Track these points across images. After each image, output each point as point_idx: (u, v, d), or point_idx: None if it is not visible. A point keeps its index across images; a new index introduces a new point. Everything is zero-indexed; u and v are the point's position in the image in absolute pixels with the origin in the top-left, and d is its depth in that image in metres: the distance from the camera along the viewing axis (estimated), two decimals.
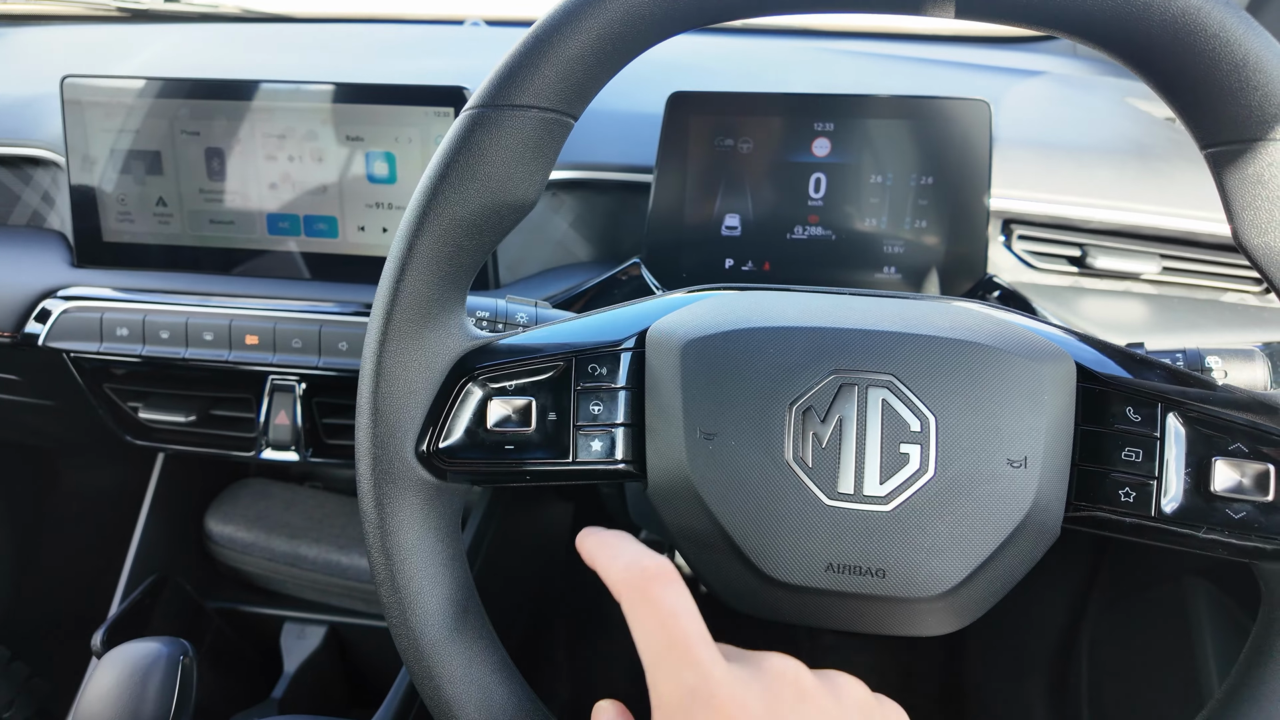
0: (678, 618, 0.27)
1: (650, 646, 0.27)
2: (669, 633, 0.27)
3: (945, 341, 0.35)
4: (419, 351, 0.37)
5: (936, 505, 0.34)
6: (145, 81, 0.69)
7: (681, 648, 0.27)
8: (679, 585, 0.29)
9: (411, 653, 0.37)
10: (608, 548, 0.31)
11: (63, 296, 0.72)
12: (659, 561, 0.29)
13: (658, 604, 0.28)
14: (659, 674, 0.27)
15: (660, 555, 0.30)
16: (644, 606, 0.28)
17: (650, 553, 0.30)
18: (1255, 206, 0.33)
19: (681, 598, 0.28)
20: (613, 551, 0.31)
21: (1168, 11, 0.32)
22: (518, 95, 0.35)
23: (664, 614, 0.28)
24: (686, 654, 0.27)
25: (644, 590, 0.28)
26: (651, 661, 0.27)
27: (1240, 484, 0.34)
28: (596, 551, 0.32)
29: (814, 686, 0.28)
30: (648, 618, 0.28)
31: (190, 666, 0.53)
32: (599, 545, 0.32)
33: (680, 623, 0.27)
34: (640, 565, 0.29)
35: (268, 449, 0.74)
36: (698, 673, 0.26)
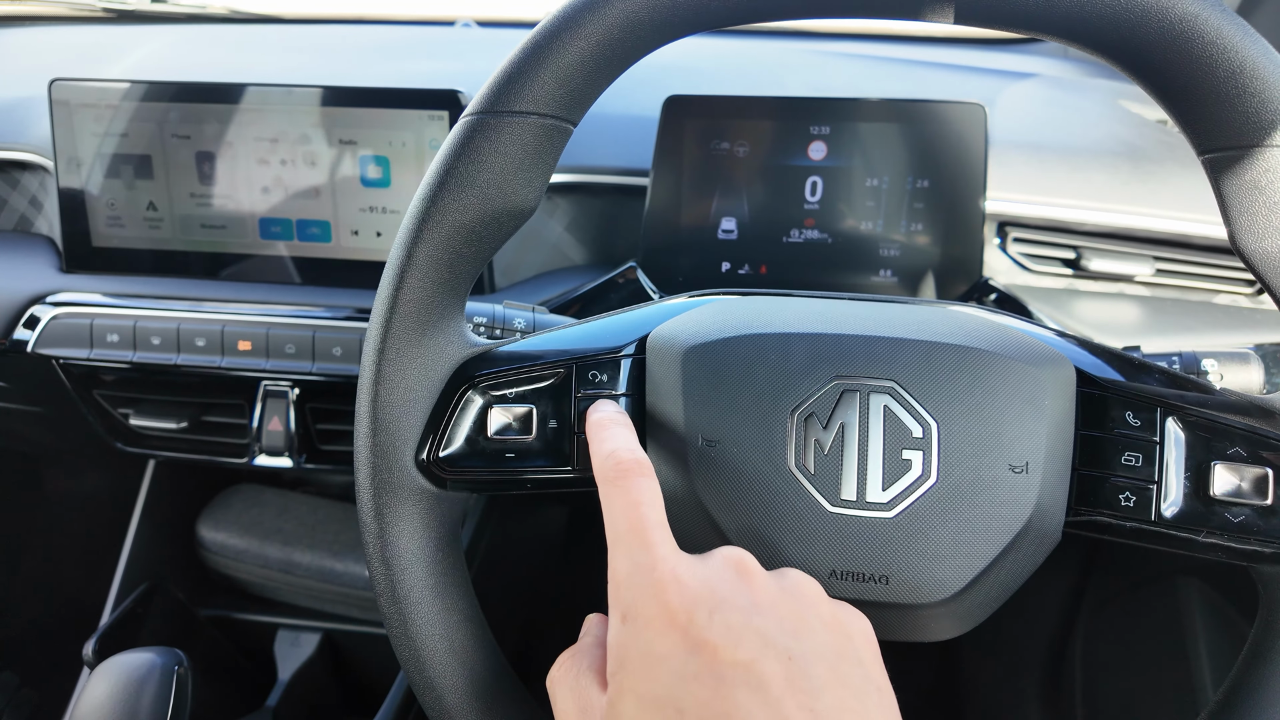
0: (639, 506, 0.30)
1: (613, 528, 0.30)
2: (629, 518, 0.30)
3: (946, 347, 0.35)
4: (419, 359, 0.36)
5: (939, 511, 0.34)
6: (134, 84, 0.68)
7: (637, 529, 0.29)
8: (648, 480, 0.31)
9: (413, 663, 0.37)
10: (600, 433, 0.34)
11: (52, 302, 0.71)
12: (636, 457, 0.32)
13: (626, 493, 0.30)
14: (616, 552, 0.29)
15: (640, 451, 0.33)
16: (614, 493, 0.31)
17: (632, 447, 0.33)
18: (1252, 212, 0.33)
19: (648, 490, 0.31)
20: (601, 438, 0.34)
21: (1165, 18, 0.32)
22: (517, 101, 0.34)
23: (629, 502, 0.30)
24: (641, 535, 0.29)
25: (616, 481, 0.31)
26: (612, 541, 0.30)
27: (1239, 488, 0.34)
28: (590, 434, 0.34)
29: (758, 571, 0.29)
30: (615, 503, 0.31)
31: (185, 676, 0.52)
32: (595, 428, 0.35)
33: (640, 510, 0.30)
34: (617, 458, 0.32)
35: (261, 455, 0.73)
36: (647, 550, 0.29)
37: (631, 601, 0.28)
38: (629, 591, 0.28)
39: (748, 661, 0.26)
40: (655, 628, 0.27)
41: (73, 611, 0.99)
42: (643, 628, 0.27)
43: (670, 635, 0.27)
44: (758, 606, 0.28)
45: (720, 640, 0.26)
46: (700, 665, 0.26)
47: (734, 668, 0.26)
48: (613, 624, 0.29)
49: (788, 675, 0.26)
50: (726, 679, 0.26)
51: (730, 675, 0.26)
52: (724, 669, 0.26)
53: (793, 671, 0.26)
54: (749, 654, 0.26)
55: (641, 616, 0.28)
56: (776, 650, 0.26)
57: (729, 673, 0.26)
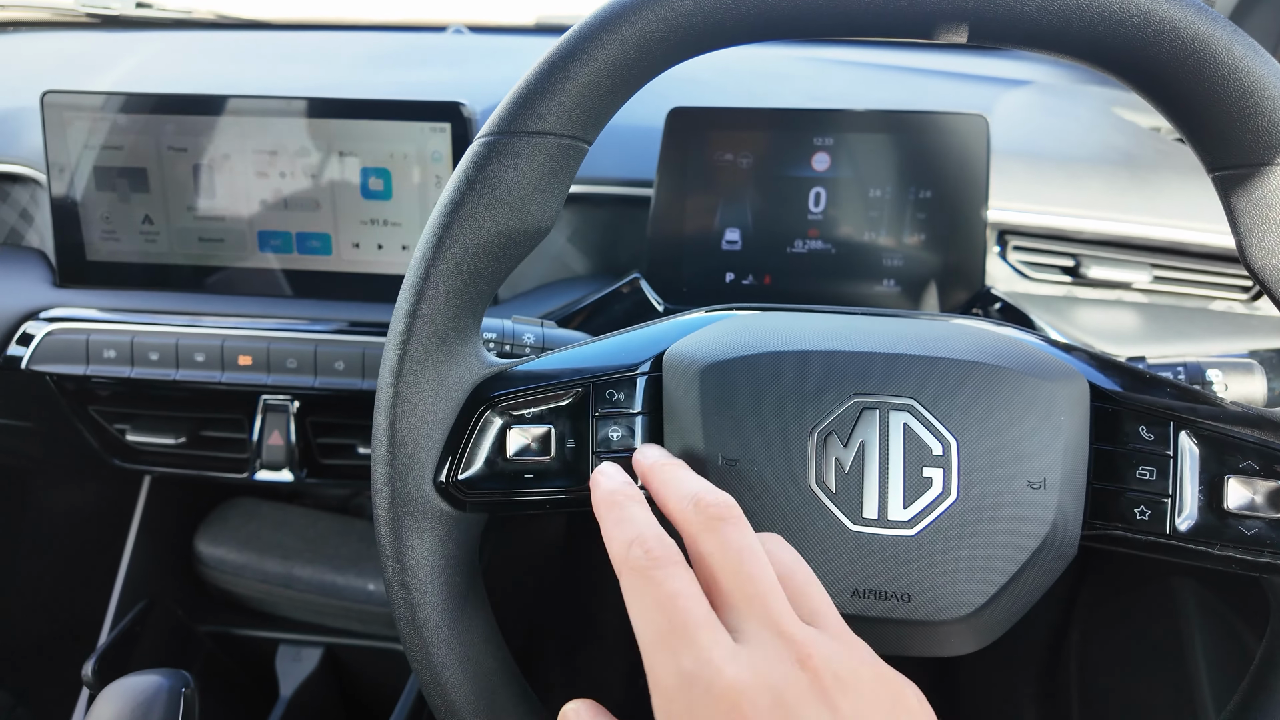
0: (677, 599, 0.26)
1: (648, 629, 0.26)
2: (668, 614, 0.26)
3: (964, 364, 0.35)
4: (436, 380, 0.36)
5: (960, 529, 0.34)
6: (129, 96, 0.67)
7: (680, 628, 0.25)
8: (683, 569, 0.27)
9: (433, 687, 0.36)
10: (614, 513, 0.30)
11: (46, 318, 0.70)
12: (665, 545, 0.28)
13: (660, 585, 0.26)
14: (656, 658, 0.25)
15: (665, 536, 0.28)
16: (643, 587, 0.27)
17: (659, 532, 0.29)
18: (1262, 229, 0.34)
19: (685, 580, 0.27)
20: (618, 518, 0.30)
21: (1177, 38, 0.32)
22: (533, 122, 0.34)
23: (665, 595, 0.26)
24: (686, 636, 0.25)
25: (645, 571, 0.27)
26: (649, 644, 0.26)
27: (1253, 501, 0.34)
28: (603, 513, 0.30)
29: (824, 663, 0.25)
30: (646, 598, 0.26)
31: (192, 698, 0.52)
32: (606, 508, 0.31)
33: (680, 603, 0.26)
34: (644, 545, 0.28)
35: (261, 470, 0.72)
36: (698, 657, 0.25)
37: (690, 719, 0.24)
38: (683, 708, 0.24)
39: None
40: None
41: (69, 629, 0.98)
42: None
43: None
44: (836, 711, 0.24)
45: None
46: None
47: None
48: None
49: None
50: None
51: None
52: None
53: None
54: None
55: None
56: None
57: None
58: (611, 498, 0.31)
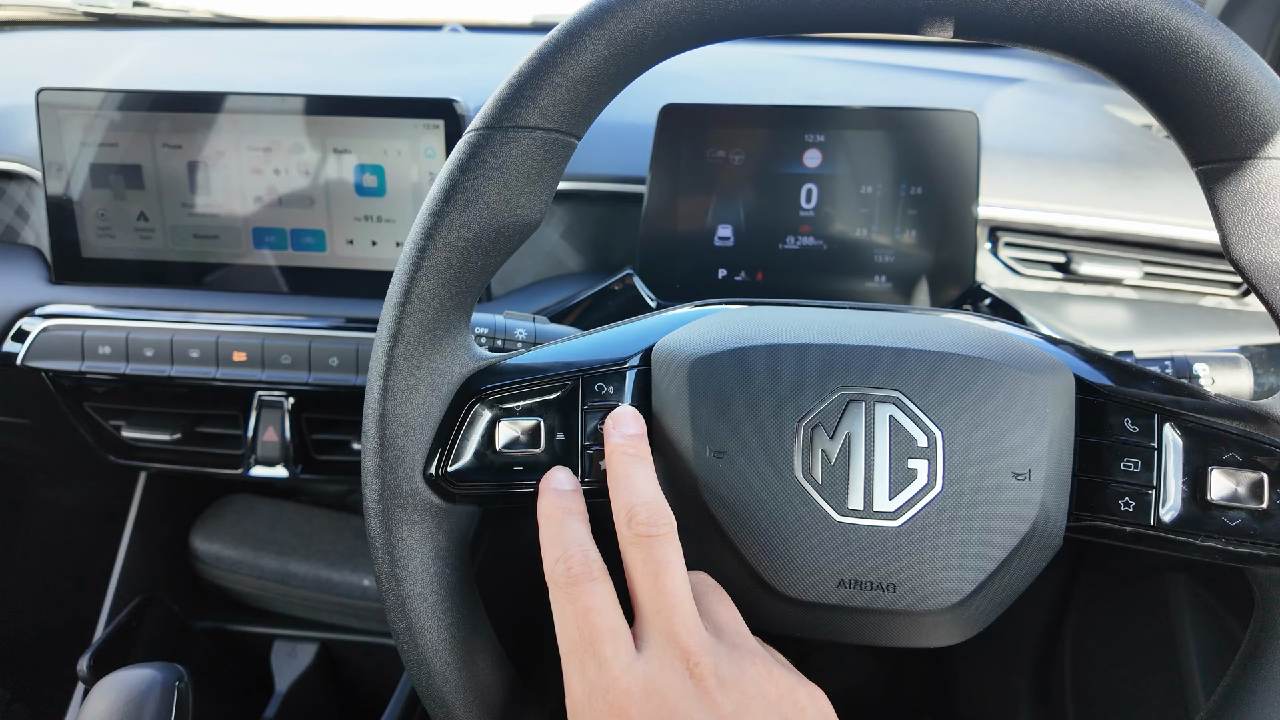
0: (589, 614, 0.29)
1: (564, 641, 0.29)
2: (580, 628, 0.29)
3: (949, 357, 0.36)
4: (426, 374, 0.36)
5: (945, 519, 0.34)
6: (124, 93, 0.67)
7: (588, 642, 0.28)
8: (599, 584, 0.30)
9: (423, 678, 0.37)
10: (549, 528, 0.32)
11: (41, 314, 0.70)
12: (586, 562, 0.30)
13: (575, 601, 0.29)
14: (569, 666, 0.29)
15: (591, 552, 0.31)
16: (563, 600, 0.30)
17: (585, 547, 0.31)
18: (1245, 222, 0.34)
19: (598, 596, 0.29)
20: (552, 534, 0.32)
21: (1161, 34, 0.32)
22: (522, 116, 0.34)
23: (578, 610, 0.29)
24: (592, 648, 0.28)
25: (565, 588, 0.30)
26: (564, 655, 0.29)
27: (1236, 492, 0.35)
28: (541, 526, 0.33)
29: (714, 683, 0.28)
30: (565, 611, 0.29)
31: (186, 692, 0.52)
32: (544, 522, 0.33)
33: (590, 619, 0.29)
34: (568, 562, 0.30)
35: (256, 466, 0.73)
36: (600, 668, 0.28)
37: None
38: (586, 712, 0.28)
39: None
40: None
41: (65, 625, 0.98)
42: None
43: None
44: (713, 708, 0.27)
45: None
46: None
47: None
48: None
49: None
50: None
51: None
52: None
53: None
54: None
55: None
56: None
57: None
58: (551, 511, 0.33)
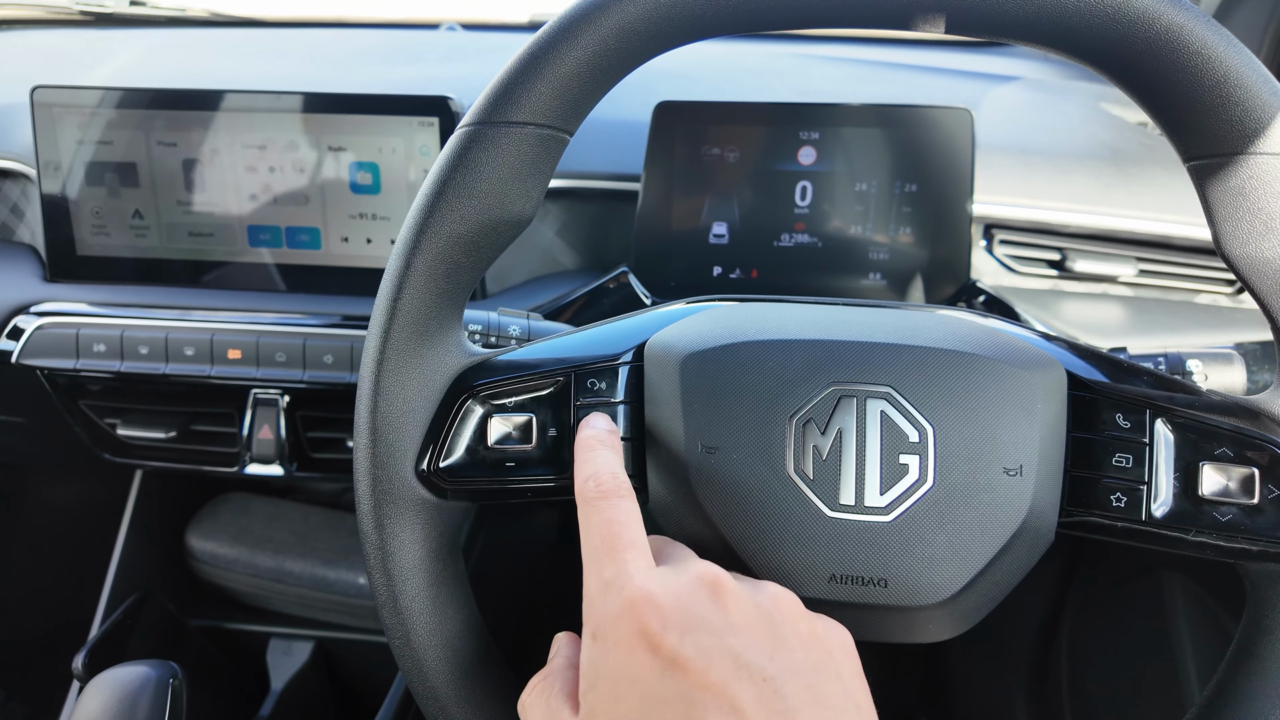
0: (613, 524, 0.30)
1: (588, 546, 0.31)
2: (603, 535, 0.30)
3: (941, 352, 0.36)
4: (417, 370, 0.36)
5: (936, 515, 0.34)
6: (119, 91, 0.67)
7: (610, 547, 0.30)
8: (626, 500, 0.32)
9: (415, 674, 0.37)
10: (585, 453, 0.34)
11: (36, 312, 0.70)
12: (616, 480, 0.32)
13: (601, 512, 0.31)
14: (590, 570, 0.30)
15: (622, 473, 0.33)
16: (590, 512, 0.31)
17: (615, 470, 0.33)
18: (1236, 218, 0.34)
19: (624, 510, 0.31)
20: (585, 459, 0.34)
21: (1152, 29, 0.32)
22: (514, 112, 0.35)
23: (604, 521, 0.31)
24: (613, 553, 0.29)
25: (593, 500, 0.32)
26: (586, 560, 0.30)
27: (1226, 488, 0.35)
28: (577, 453, 0.35)
29: (733, 589, 0.29)
30: (591, 521, 0.31)
31: (180, 689, 0.52)
32: (581, 447, 0.35)
33: (613, 528, 0.30)
34: (597, 480, 0.32)
35: (251, 464, 0.73)
36: (618, 569, 0.29)
37: (602, 620, 0.28)
38: (600, 610, 0.28)
39: (720, 684, 0.25)
40: (626, 648, 0.27)
41: (61, 623, 0.98)
42: (613, 647, 0.27)
43: (641, 656, 0.26)
44: (732, 627, 0.27)
45: (692, 662, 0.26)
46: (672, 688, 0.25)
47: (705, 691, 0.25)
48: (584, 643, 0.29)
49: (761, 697, 0.25)
50: (698, 703, 0.25)
51: (702, 699, 0.25)
52: (695, 692, 0.25)
53: (766, 693, 0.25)
54: (721, 676, 0.25)
55: (612, 636, 0.27)
56: (750, 672, 0.26)
57: (700, 696, 0.25)
58: (586, 442, 0.35)
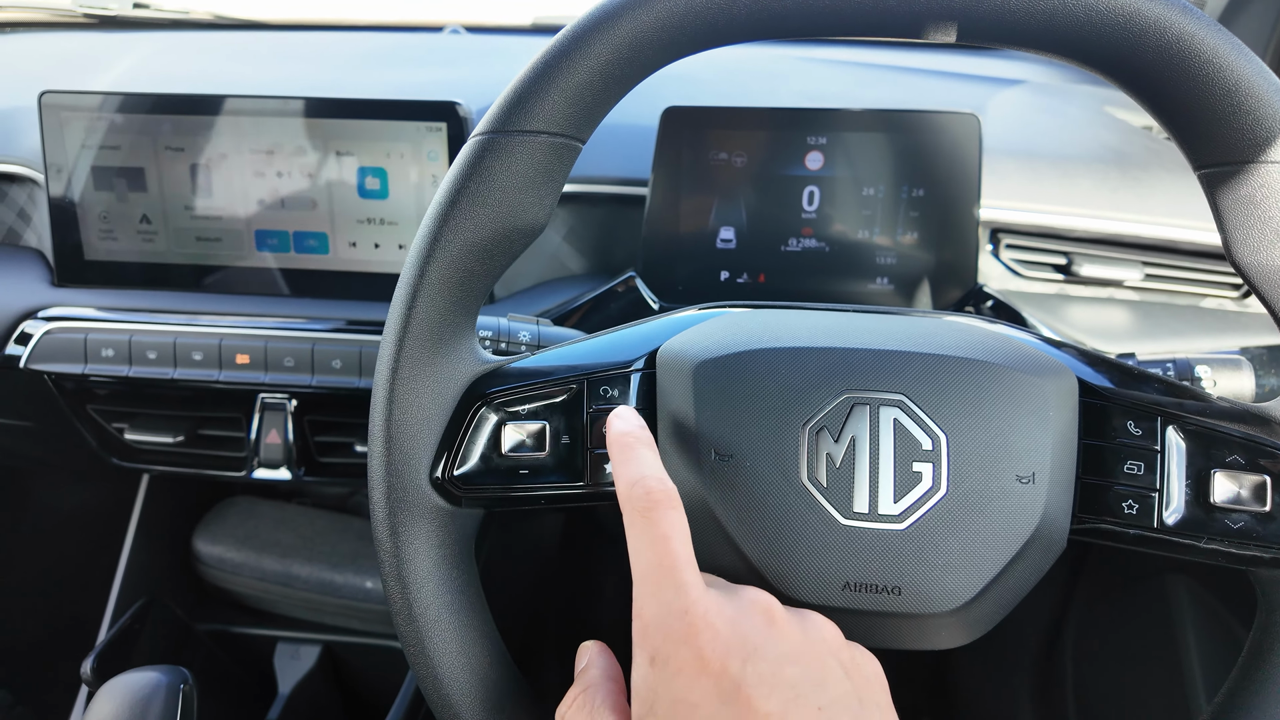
0: (669, 541, 0.29)
1: (640, 564, 0.29)
2: (658, 553, 0.29)
3: (954, 360, 0.36)
4: (431, 378, 0.37)
5: (950, 522, 0.34)
6: (127, 96, 0.67)
7: (667, 567, 0.29)
8: (677, 512, 0.30)
9: (430, 681, 0.37)
10: (625, 454, 0.33)
11: (44, 317, 0.70)
12: (664, 488, 0.31)
13: (654, 526, 0.30)
14: (643, 589, 0.29)
15: (667, 480, 0.31)
16: (641, 526, 0.30)
17: (660, 475, 0.31)
18: (1247, 226, 0.34)
19: (676, 524, 0.30)
20: (626, 460, 0.32)
21: (1163, 38, 0.32)
22: (527, 121, 0.35)
23: (657, 536, 0.29)
24: (671, 574, 0.28)
25: (644, 512, 0.30)
26: (639, 577, 0.29)
27: (1239, 495, 0.35)
28: (614, 453, 0.33)
29: (784, 617, 0.29)
30: (643, 537, 0.30)
31: (191, 695, 0.52)
32: (618, 447, 0.33)
33: (670, 546, 0.29)
34: (645, 487, 0.31)
35: (259, 468, 0.73)
36: (678, 592, 0.28)
37: (661, 645, 0.28)
38: (658, 634, 0.28)
39: (780, 713, 0.26)
40: (687, 674, 0.27)
41: (67, 627, 0.98)
42: (674, 674, 0.27)
43: (703, 683, 0.27)
44: (787, 655, 0.28)
45: (753, 690, 0.26)
46: (733, 715, 0.26)
47: (766, 719, 0.26)
48: (639, 665, 0.28)
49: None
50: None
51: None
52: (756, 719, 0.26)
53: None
54: (780, 705, 0.26)
55: (673, 662, 0.27)
56: (805, 701, 0.27)
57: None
58: (623, 439, 0.33)
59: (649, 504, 0.30)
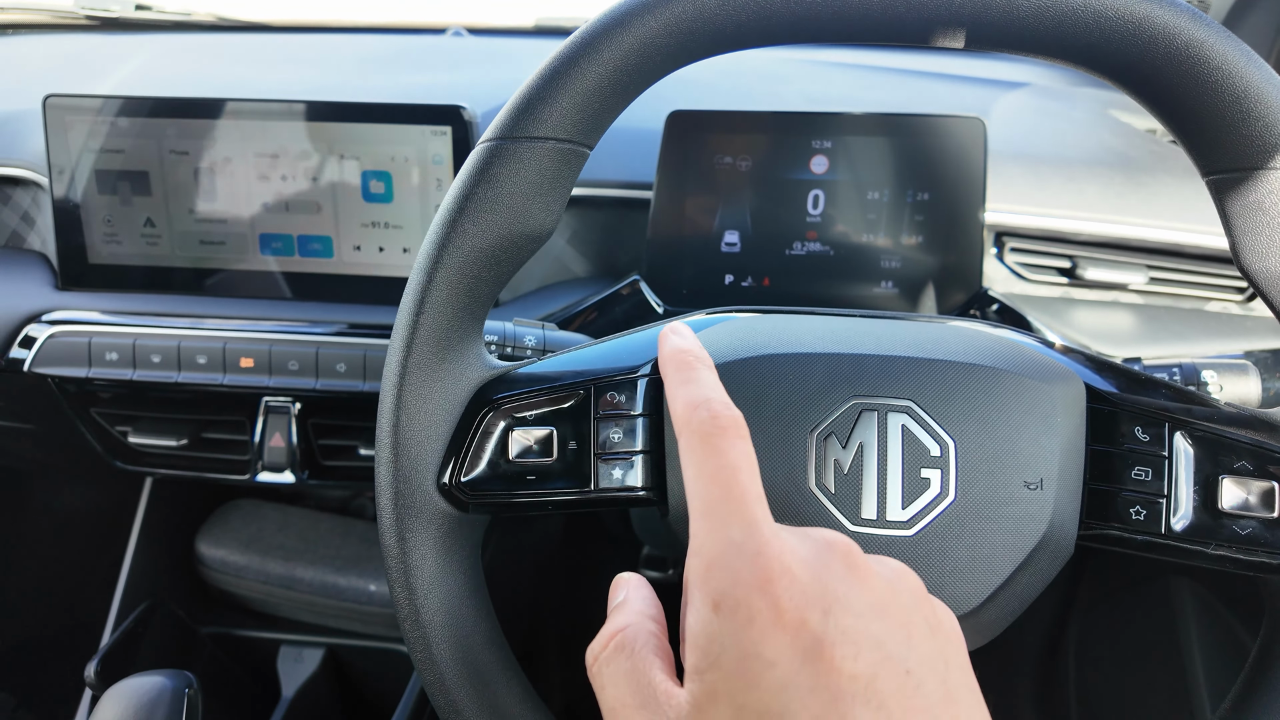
0: (737, 471, 0.26)
1: (701, 497, 0.26)
2: (725, 484, 0.25)
3: (961, 366, 0.36)
4: (439, 383, 0.37)
5: (957, 529, 0.34)
6: (131, 100, 0.67)
7: (736, 499, 0.25)
8: (746, 443, 0.27)
9: (436, 686, 0.37)
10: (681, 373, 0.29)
11: (48, 320, 0.70)
12: (732, 413, 0.27)
13: (721, 455, 0.26)
14: (706, 525, 0.25)
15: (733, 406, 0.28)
16: (704, 453, 0.26)
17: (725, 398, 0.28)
18: (1256, 232, 0.34)
19: (746, 455, 0.26)
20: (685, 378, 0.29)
21: (1173, 44, 0.33)
22: (535, 127, 0.35)
23: (724, 466, 0.26)
24: (740, 508, 0.25)
25: (710, 437, 0.26)
26: (700, 512, 0.25)
27: (1247, 501, 0.35)
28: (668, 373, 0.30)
29: (867, 564, 0.26)
30: (706, 465, 0.26)
31: (195, 699, 0.52)
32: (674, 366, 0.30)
33: (740, 478, 0.25)
34: (710, 410, 0.27)
35: (263, 471, 0.73)
36: (747, 528, 0.24)
37: (729, 589, 0.24)
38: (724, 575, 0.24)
39: (868, 676, 0.23)
40: (761, 626, 0.23)
41: (71, 631, 0.98)
42: (745, 624, 0.23)
43: (780, 637, 0.23)
44: (873, 609, 0.24)
45: (837, 649, 0.23)
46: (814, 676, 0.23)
47: (852, 681, 0.23)
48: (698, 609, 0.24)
49: (903, 692, 0.23)
50: (844, 694, 0.22)
51: (848, 690, 0.22)
52: (841, 682, 0.23)
53: (908, 688, 0.23)
54: (869, 667, 0.23)
55: (743, 609, 0.23)
56: (895, 663, 0.23)
57: (847, 686, 0.23)
58: (681, 357, 0.30)
59: (714, 428, 0.26)
